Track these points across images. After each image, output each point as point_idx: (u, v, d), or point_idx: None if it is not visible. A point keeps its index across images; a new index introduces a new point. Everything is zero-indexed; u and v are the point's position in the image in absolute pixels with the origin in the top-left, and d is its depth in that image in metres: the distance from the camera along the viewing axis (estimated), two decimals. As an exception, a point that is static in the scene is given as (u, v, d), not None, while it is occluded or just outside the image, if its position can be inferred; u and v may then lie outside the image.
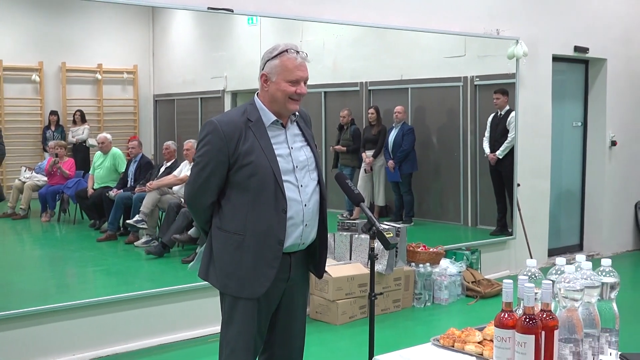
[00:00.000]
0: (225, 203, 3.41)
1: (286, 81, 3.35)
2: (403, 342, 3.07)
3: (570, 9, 8.90)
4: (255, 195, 3.34)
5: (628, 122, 9.82)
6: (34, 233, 7.08)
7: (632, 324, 5.66)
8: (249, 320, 3.45)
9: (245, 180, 3.34)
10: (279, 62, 3.36)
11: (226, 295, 3.47)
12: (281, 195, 3.35)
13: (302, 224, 3.44)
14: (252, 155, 3.32)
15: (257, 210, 3.35)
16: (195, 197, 3.44)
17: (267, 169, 3.34)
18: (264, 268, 3.37)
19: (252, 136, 3.35)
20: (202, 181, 3.38)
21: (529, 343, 2.43)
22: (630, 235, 10.14)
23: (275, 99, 3.39)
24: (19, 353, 5.30)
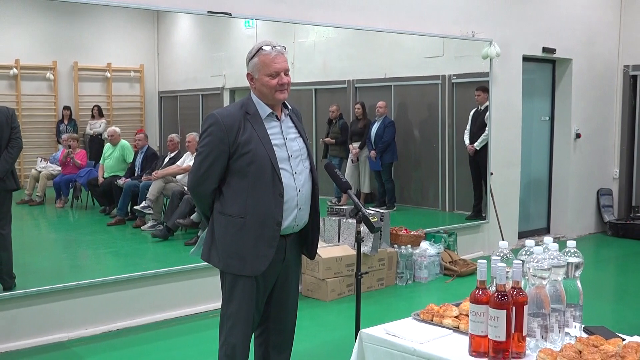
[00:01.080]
0: (226, 189, 3.42)
1: (267, 75, 3.36)
2: (387, 317, 3.08)
3: (539, 13, 8.90)
4: (254, 181, 3.35)
5: (591, 117, 9.85)
6: (49, 218, 7.07)
7: (594, 299, 5.70)
8: (248, 297, 3.46)
9: (244, 167, 3.35)
10: (257, 60, 3.39)
11: (227, 275, 3.48)
12: (278, 181, 3.37)
13: (296, 207, 3.46)
14: (251, 144, 3.34)
15: (256, 195, 3.36)
16: (199, 184, 3.44)
17: (265, 157, 3.35)
18: (263, 248, 3.39)
19: (250, 127, 3.37)
20: (205, 169, 3.39)
21: (501, 317, 2.44)
22: (592, 219, 10.18)
23: (264, 94, 3.41)
24: (36, 327, 5.30)
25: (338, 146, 8.35)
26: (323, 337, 5.44)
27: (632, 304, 6.61)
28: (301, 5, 6.63)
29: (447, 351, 2.59)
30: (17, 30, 6.14)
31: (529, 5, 8.77)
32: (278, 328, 3.74)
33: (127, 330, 5.66)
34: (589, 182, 10.03)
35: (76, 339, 5.42)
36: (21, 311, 5.26)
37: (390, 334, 2.77)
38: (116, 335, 5.54)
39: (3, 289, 5.25)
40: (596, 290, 6.83)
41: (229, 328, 3.52)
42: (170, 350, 5.24)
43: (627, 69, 10.11)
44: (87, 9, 5.73)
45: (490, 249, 8.34)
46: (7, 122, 5.23)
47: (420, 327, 2.85)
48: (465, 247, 8.25)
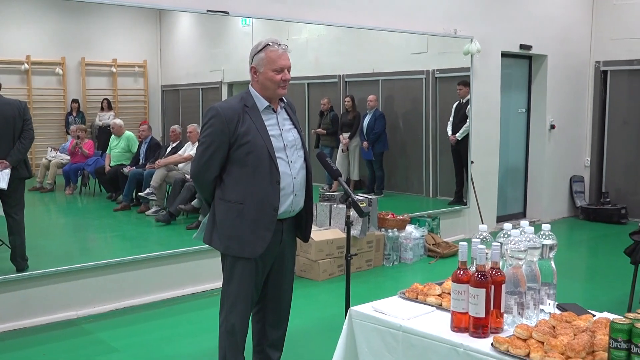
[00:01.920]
0: (227, 177, 3.43)
1: (272, 70, 3.39)
2: (374, 295, 3.09)
3: (516, 12, 8.90)
4: (252, 169, 3.37)
5: (565, 109, 9.87)
6: (59, 204, 7.04)
7: (567, 278, 5.72)
8: (248, 278, 3.48)
9: (243, 156, 3.36)
10: (264, 55, 3.41)
11: (227, 257, 3.49)
12: (275, 169, 3.39)
13: (292, 193, 3.48)
14: (249, 135, 3.35)
15: (254, 182, 3.37)
16: (201, 172, 3.44)
17: (263, 147, 3.37)
18: (261, 231, 3.40)
19: (249, 119, 3.38)
20: (206, 158, 3.39)
21: (480, 295, 2.44)
22: (565, 204, 10.22)
23: (266, 87, 3.42)
24: (48, 306, 5.30)
25: (329, 136, 8.35)
26: (315, 314, 5.45)
27: (602, 283, 6.65)
28: (295, 5, 6.62)
29: (430, 327, 2.60)
30: (28, 28, 6.10)
31: (507, 4, 8.77)
32: (275, 306, 3.76)
33: (133, 308, 5.66)
34: (562, 170, 10.07)
35: (85, 317, 5.42)
36: (34, 291, 5.25)
37: (377, 311, 2.78)
38: (123, 313, 5.54)
39: (17, 270, 5.24)
40: (569, 270, 6.86)
41: (229, 306, 3.53)
42: (174, 327, 5.24)
43: (598, 64, 10.13)
44: (94, 7, 5.70)
45: (470, 232, 8.36)
46: (20, 115, 5.22)
47: (405, 305, 2.85)
48: (447, 231, 8.27)
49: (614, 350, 2.12)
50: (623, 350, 2.10)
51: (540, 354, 2.24)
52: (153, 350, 4.68)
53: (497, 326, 2.50)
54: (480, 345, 2.41)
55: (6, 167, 5.13)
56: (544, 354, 2.24)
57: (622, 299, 5.51)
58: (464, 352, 2.42)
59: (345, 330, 2.86)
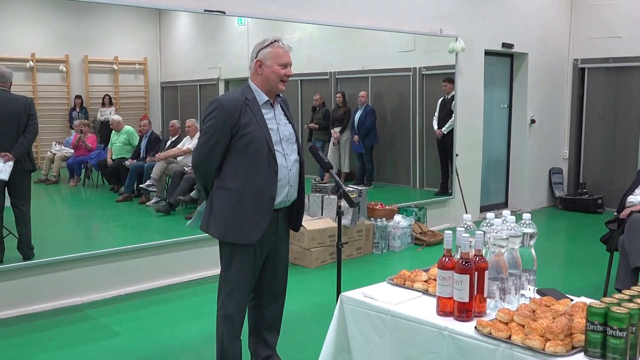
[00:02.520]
0: (226, 166, 3.42)
1: (278, 64, 3.41)
2: (364, 282, 3.09)
3: (499, 12, 8.90)
4: (252, 159, 3.37)
5: (544, 105, 9.89)
6: (63, 195, 7.02)
7: (546, 265, 5.74)
8: (246, 265, 3.48)
9: (244, 147, 3.36)
10: (271, 50, 3.42)
11: (225, 244, 3.49)
12: (273, 160, 3.40)
13: (288, 184, 3.49)
14: (250, 127, 3.36)
15: (253, 172, 3.38)
16: (203, 161, 3.44)
17: (262, 139, 3.38)
18: (259, 219, 3.40)
19: (250, 112, 3.38)
20: (209, 148, 3.39)
21: (464, 281, 2.45)
22: (545, 194, 10.26)
23: (269, 80, 3.43)
24: (53, 292, 5.30)
25: (321, 131, 8.34)
26: (308, 299, 5.46)
27: (579, 269, 6.68)
28: (288, 5, 6.61)
29: (417, 311, 2.61)
30: (33, 27, 6.07)
31: (490, 5, 8.76)
32: (270, 291, 3.76)
33: (135, 294, 5.66)
34: (542, 162, 10.10)
35: (89, 303, 5.42)
36: (39, 278, 5.24)
37: (367, 296, 2.78)
38: (124, 299, 5.54)
39: (23, 258, 5.23)
40: (548, 257, 6.89)
41: (227, 292, 3.53)
42: (173, 312, 5.24)
43: (577, 62, 10.15)
44: (96, 7, 5.68)
45: (455, 222, 8.38)
46: (25, 110, 5.20)
47: (393, 290, 2.86)
48: (433, 220, 8.29)
49: (590, 332, 2.13)
50: (599, 332, 2.11)
51: (521, 337, 2.25)
52: (153, 334, 4.68)
53: (481, 310, 2.51)
54: (464, 329, 2.42)
55: (9, 160, 5.11)
56: (524, 337, 2.25)
57: (598, 285, 5.54)
58: (449, 335, 2.43)
59: (337, 315, 2.86)
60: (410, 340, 2.56)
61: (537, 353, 2.19)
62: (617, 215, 5.35)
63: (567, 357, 2.15)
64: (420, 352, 2.52)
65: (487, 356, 2.31)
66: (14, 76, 5.27)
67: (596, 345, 2.12)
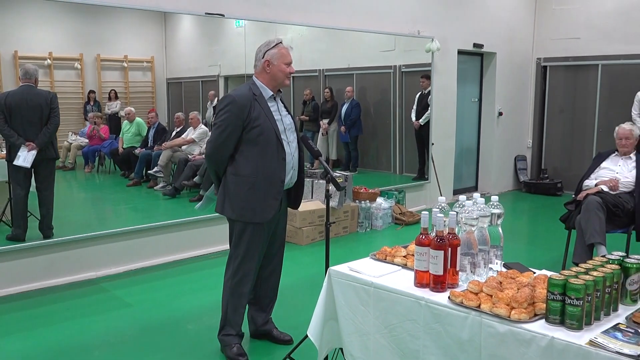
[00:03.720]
0: (239, 155, 3.44)
1: (284, 63, 3.46)
2: (350, 257, 3.10)
3: (471, 16, 8.89)
4: (262, 148, 3.41)
5: (510, 99, 9.91)
6: (79, 180, 6.97)
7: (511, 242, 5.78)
8: (257, 240, 3.54)
9: (255, 137, 3.39)
10: (277, 51, 3.46)
11: (237, 222, 3.50)
12: (281, 147, 3.45)
13: (292, 168, 3.56)
14: (260, 119, 3.39)
15: (265, 159, 3.42)
16: (217, 151, 3.45)
17: (271, 129, 3.42)
18: (271, 200, 3.46)
19: (258, 106, 3.42)
20: (223, 139, 3.41)
21: (439, 256, 2.46)
22: (510, 179, 10.31)
23: (276, 78, 3.48)
24: (71, 268, 5.29)
25: (311, 122, 8.32)
26: (300, 273, 5.47)
27: (541, 245, 6.73)
28: (282, 9, 6.58)
29: (397, 283, 2.62)
30: (50, 28, 6.00)
31: (463, 9, 8.75)
32: (268, 265, 3.80)
33: (144, 269, 5.66)
34: (508, 150, 10.14)
35: (103, 277, 5.41)
36: (58, 255, 5.23)
37: (353, 270, 2.79)
38: (135, 273, 5.53)
39: (44, 237, 5.21)
40: (513, 234, 6.94)
41: (236, 266, 3.56)
42: (179, 284, 5.24)
43: (539, 60, 10.17)
44: (107, 10, 5.63)
45: (431, 203, 8.41)
46: (47, 104, 5.17)
47: (376, 265, 2.87)
48: (411, 202, 8.32)
49: (550, 301, 2.14)
50: (558, 301, 2.13)
51: (489, 305, 2.27)
52: (162, 305, 4.68)
53: (453, 282, 2.52)
54: (439, 299, 2.43)
55: (33, 149, 5.07)
56: (492, 305, 2.26)
57: (557, 259, 5.59)
58: (425, 304, 2.44)
59: (325, 287, 2.87)
60: (391, 309, 2.57)
61: (504, 320, 2.20)
62: (575, 198, 5.39)
63: (530, 324, 2.17)
64: (400, 320, 2.54)
65: (459, 323, 2.33)
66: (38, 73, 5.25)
67: (556, 312, 2.13)
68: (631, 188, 5.25)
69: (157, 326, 4.25)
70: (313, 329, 2.88)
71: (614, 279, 2.24)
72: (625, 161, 5.43)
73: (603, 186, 5.23)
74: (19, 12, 5.55)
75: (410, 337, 2.50)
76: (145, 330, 4.18)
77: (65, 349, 3.87)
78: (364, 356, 2.71)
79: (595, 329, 2.11)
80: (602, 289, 2.17)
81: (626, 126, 5.51)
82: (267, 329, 3.89)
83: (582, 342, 2.01)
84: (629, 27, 9.10)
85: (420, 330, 2.46)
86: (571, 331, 2.09)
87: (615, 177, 5.31)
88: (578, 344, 2.01)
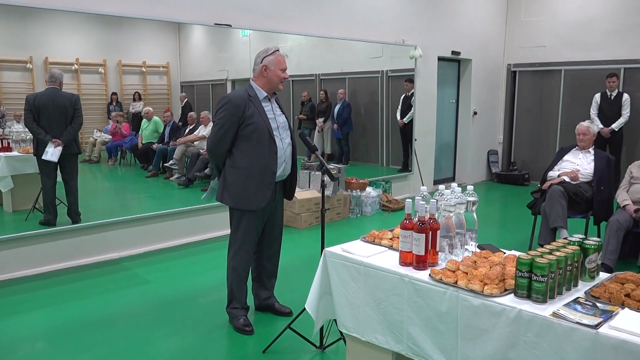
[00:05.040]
0: (235, 150, 3.42)
1: (280, 69, 3.44)
2: (342, 239, 3.10)
3: (449, 26, 8.86)
4: (256, 143, 3.38)
5: (484, 100, 9.91)
6: (103, 172, 6.96)
7: (485, 226, 5.81)
8: (252, 226, 3.51)
9: (249, 134, 3.37)
10: (274, 57, 3.43)
11: (235, 210, 3.50)
12: (273, 143, 3.42)
13: (284, 162, 3.53)
14: (254, 118, 3.37)
15: (258, 153, 3.39)
16: (216, 145, 3.44)
17: (264, 127, 3.39)
18: (264, 190, 3.44)
19: (253, 106, 3.39)
20: (221, 135, 3.39)
21: (421, 239, 2.46)
22: (484, 171, 10.32)
23: (272, 82, 3.45)
24: (96, 249, 5.28)
25: (308, 121, 8.31)
26: (298, 254, 5.47)
27: (510, 229, 6.75)
28: (282, 20, 6.55)
29: (384, 262, 2.62)
30: (77, 36, 5.97)
31: (443, 20, 8.72)
32: (269, 246, 3.78)
33: (161, 250, 5.65)
34: (482, 145, 10.14)
35: (125, 257, 5.40)
36: (85, 238, 5.22)
37: (345, 251, 2.79)
38: (153, 254, 5.53)
39: (72, 222, 5.20)
40: (486, 219, 6.95)
41: (236, 248, 3.55)
42: (192, 264, 5.24)
43: (510, 66, 10.16)
44: (128, 20, 5.59)
45: (414, 192, 8.42)
46: (71, 105, 5.14)
47: (366, 246, 2.87)
48: (397, 191, 8.32)
49: (519, 278, 2.15)
50: (526, 278, 2.13)
51: (465, 282, 2.27)
52: (177, 282, 4.68)
53: (434, 261, 2.52)
54: (421, 276, 2.43)
55: (59, 145, 5.05)
56: (467, 282, 2.27)
57: (525, 241, 5.61)
58: (409, 280, 2.45)
59: (321, 265, 2.87)
60: (379, 285, 2.57)
61: (478, 294, 2.21)
62: (540, 187, 5.40)
63: (501, 297, 2.17)
64: (386, 295, 2.54)
65: (438, 297, 2.33)
66: (62, 77, 5.21)
67: (523, 288, 2.14)
68: (590, 178, 5.26)
69: (173, 300, 4.25)
70: (310, 303, 2.88)
71: (575, 259, 2.24)
72: (584, 155, 5.44)
73: (565, 177, 5.25)
74: (49, 22, 5.52)
75: (395, 310, 2.51)
76: (162, 303, 4.18)
77: (92, 320, 3.87)
78: (354, 326, 2.72)
79: (558, 302, 2.11)
80: (564, 267, 2.18)
81: (585, 124, 5.52)
82: (269, 302, 3.89)
83: (546, 314, 2.02)
84: (589, 36, 9.10)
85: (405, 303, 2.46)
86: (537, 304, 2.09)
87: (576, 169, 5.33)
88: (543, 315, 2.02)
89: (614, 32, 8.84)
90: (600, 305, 2.07)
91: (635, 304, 2.08)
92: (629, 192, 4.96)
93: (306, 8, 6.83)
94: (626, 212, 4.76)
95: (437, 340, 2.35)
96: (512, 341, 2.09)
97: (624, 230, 4.68)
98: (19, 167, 5.37)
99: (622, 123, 8.20)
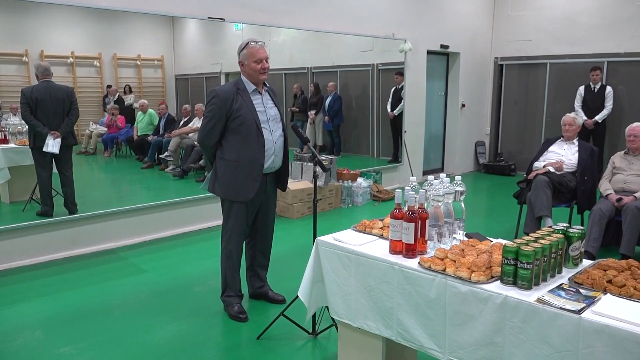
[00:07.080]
0: (225, 142, 3.41)
1: (253, 62, 3.37)
2: (334, 229, 3.10)
3: (438, 20, 8.85)
4: (244, 136, 3.36)
5: (472, 93, 9.92)
6: (99, 164, 6.91)
7: (472, 215, 5.84)
8: (241, 216, 3.49)
9: (237, 127, 3.34)
10: (246, 51, 3.39)
11: (226, 201, 3.49)
12: (260, 135, 3.38)
13: (273, 154, 3.49)
14: (241, 110, 3.34)
15: (246, 145, 3.37)
16: (205, 138, 3.42)
17: (251, 120, 3.35)
18: (251, 182, 3.41)
19: (241, 99, 3.36)
20: (209, 128, 3.37)
21: (411, 228, 2.47)
22: (471, 161, 10.35)
23: (251, 75, 3.40)
24: (93, 239, 5.26)
25: (301, 113, 8.28)
26: (291, 243, 5.48)
27: (497, 218, 6.78)
28: (275, 14, 6.51)
29: (374, 251, 2.63)
30: (72, 30, 5.90)
31: (431, 14, 8.70)
32: (262, 237, 3.78)
33: (156, 240, 5.64)
34: (469, 137, 10.16)
35: (121, 247, 5.39)
36: (82, 228, 5.20)
37: (337, 240, 2.79)
38: (149, 244, 5.51)
39: (69, 213, 5.17)
40: (474, 209, 6.98)
41: (227, 238, 3.54)
42: (187, 253, 5.24)
43: (497, 59, 10.16)
44: (123, 14, 5.54)
45: (404, 182, 8.44)
46: (67, 97, 5.12)
47: (357, 235, 2.87)
48: (387, 181, 8.34)
49: (505, 265, 2.16)
50: (512, 265, 2.14)
51: (453, 269, 2.28)
52: (172, 270, 4.68)
53: (423, 250, 2.53)
54: (410, 264, 2.44)
55: (58, 137, 5.02)
56: (455, 269, 2.28)
57: (511, 229, 5.64)
58: (399, 268, 2.45)
59: (313, 254, 2.88)
60: (370, 273, 2.58)
61: (465, 281, 2.22)
62: (526, 177, 5.43)
63: (487, 284, 2.18)
64: (377, 282, 2.55)
65: (427, 284, 2.34)
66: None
67: (509, 275, 2.15)
68: (574, 169, 5.29)
69: (169, 289, 4.25)
70: (303, 290, 2.89)
71: (559, 246, 2.26)
72: (569, 146, 5.46)
73: (550, 167, 5.27)
74: (45, 16, 5.46)
75: (385, 297, 2.52)
76: (158, 292, 4.18)
77: (89, 308, 3.87)
78: (346, 313, 2.72)
79: (543, 289, 2.13)
80: (549, 255, 2.19)
81: (571, 115, 5.55)
82: (263, 291, 3.90)
83: (531, 300, 2.03)
84: (574, 31, 9.11)
85: (395, 290, 2.47)
86: (522, 290, 2.11)
87: (560, 160, 5.35)
88: (528, 301, 2.03)
89: (597, 26, 8.86)
90: (583, 291, 2.09)
91: (617, 289, 2.10)
92: (611, 182, 5.00)
93: (298, 2, 6.80)
94: (608, 201, 4.80)
95: (426, 326, 2.36)
96: (499, 326, 2.10)
97: (606, 218, 4.72)
98: (15, 159, 5.34)
99: (605, 115, 8.25)
